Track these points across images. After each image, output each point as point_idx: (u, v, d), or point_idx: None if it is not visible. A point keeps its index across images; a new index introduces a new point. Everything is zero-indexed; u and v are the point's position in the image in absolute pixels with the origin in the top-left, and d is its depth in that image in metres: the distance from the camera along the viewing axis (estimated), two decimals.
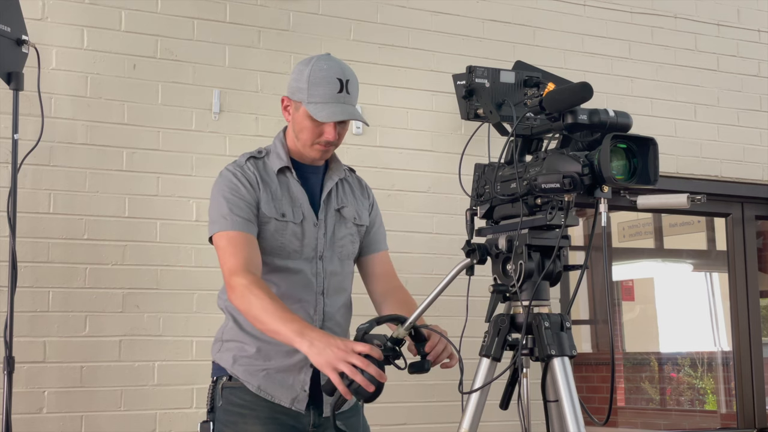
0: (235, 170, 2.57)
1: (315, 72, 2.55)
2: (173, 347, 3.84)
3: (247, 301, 2.40)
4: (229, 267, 2.46)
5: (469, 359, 2.34)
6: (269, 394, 2.55)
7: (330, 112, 2.52)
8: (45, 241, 3.69)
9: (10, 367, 3.28)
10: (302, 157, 2.64)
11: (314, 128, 2.55)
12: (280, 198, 2.58)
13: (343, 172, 2.72)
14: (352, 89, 2.57)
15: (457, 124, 4.46)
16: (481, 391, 2.29)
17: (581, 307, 7.44)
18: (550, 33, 4.84)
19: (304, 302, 2.57)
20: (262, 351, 2.55)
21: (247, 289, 2.40)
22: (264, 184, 2.57)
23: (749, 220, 5.39)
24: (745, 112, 5.30)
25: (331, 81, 2.53)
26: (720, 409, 7.01)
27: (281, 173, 2.62)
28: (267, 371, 2.55)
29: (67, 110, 3.78)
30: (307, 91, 2.53)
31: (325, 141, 2.56)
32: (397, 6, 4.49)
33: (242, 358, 2.57)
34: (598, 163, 2.09)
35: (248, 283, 2.41)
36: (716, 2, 5.33)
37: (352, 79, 2.57)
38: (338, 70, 2.56)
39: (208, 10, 4.09)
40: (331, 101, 2.52)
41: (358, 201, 2.75)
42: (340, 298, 2.65)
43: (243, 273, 2.43)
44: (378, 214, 2.82)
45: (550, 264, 2.26)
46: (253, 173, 2.58)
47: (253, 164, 2.60)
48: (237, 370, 2.58)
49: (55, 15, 3.81)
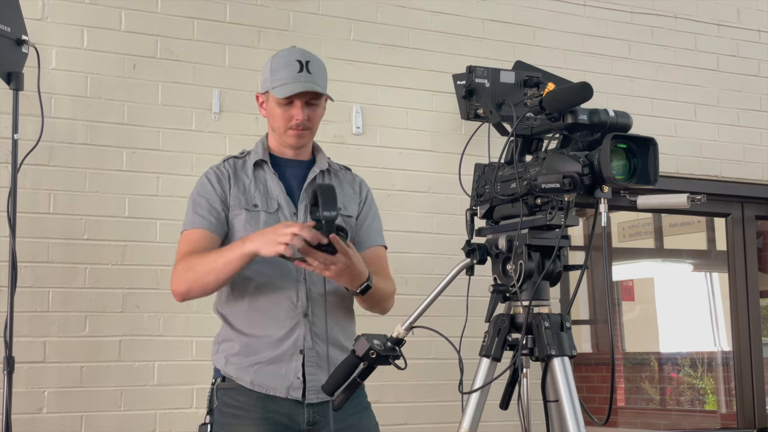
0: (209, 172, 2.71)
1: (276, 60, 2.70)
2: (173, 347, 3.84)
3: (187, 268, 2.54)
4: (175, 261, 2.61)
5: (469, 359, 2.34)
6: (263, 386, 2.57)
7: (289, 88, 2.61)
8: (45, 241, 3.69)
9: (10, 367, 3.28)
10: (283, 152, 2.73)
11: (284, 113, 2.65)
12: (253, 190, 2.66)
13: (327, 164, 2.76)
14: (314, 69, 2.66)
15: (457, 124, 4.46)
16: (481, 391, 2.29)
17: (581, 307, 7.44)
18: (550, 33, 4.84)
19: (285, 289, 2.59)
20: (251, 346, 2.59)
21: (183, 262, 2.56)
22: (236, 179, 2.68)
23: (749, 220, 5.39)
24: (745, 112, 5.30)
25: (290, 64, 2.65)
26: (720, 409, 7.01)
27: (258, 168, 2.71)
28: (258, 365, 2.58)
29: (67, 110, 3.78)
30: (270, 79, 2.66)
31: (295, 123, 2.64)
32: (397, 6, 4.49)
33: (232, 356, 2.62)
34: (598, 163, 2.09)
35: (181, 259, 2.57)
36: (716, 2, 5.33)
37: (313, 61, 2.68)
38: (298, 53, 2.69)
39: (208, 10, 4.09)
40: (292, 81, 2.62)
41: (346, 193, 2.76)
42: (329, 285, 2.62)
43: (179, 259, 2.59)
44: (372, 209, 2.82)
45: (550, 264, 2.26)
46: (227, 171, 2.70)
47: (230, 164, 2.73)
48: (229, 369, 2.62)
49: (55, 15, 3.81)
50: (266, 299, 2.60)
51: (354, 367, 2.37)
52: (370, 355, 2.32)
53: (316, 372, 2.57)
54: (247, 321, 2.62)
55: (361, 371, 2.37)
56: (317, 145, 2.81)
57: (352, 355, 2.36)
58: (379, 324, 2.76)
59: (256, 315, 2.61)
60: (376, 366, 2.38)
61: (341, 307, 2.68)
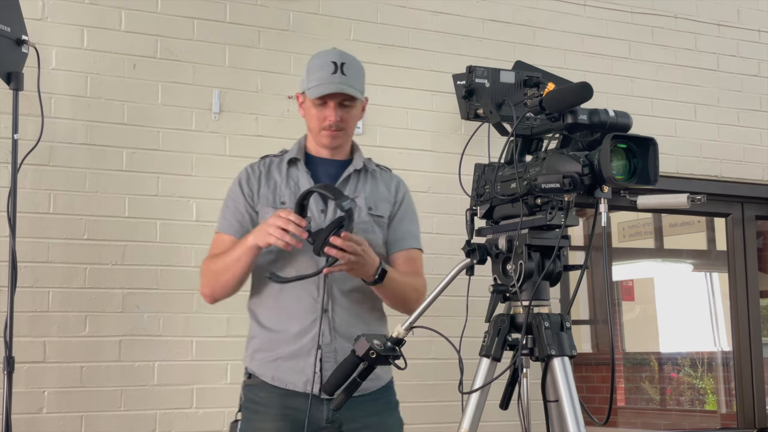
0: (242, 172, 2.79)
1: (313, 61, 2.75)
2: (173, 347, 3.84)
3: (207, 271, 2.71)
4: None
5: (469, 359, 2.34)
6: (283, 381, 2.64)
7: (321, 89, 2.65)
8: (45, 241, 3.69)
9: (10, 367, 3.28)
10: (319, 151, 2.78)
11: (318, 114, 2.69)
12: (283, 188, 2.72)
13: (362, 163, 2.80)
14: (349, 71, 2.69)
15: (457, 124, 4.46)
16: (481, 391, 2.29)
17: (581, 307, 7.44)
18: (550, 33, 4.84)
19: (307, 285, 2.63)
20: (272, 341, 2.67)
21: (204, 265, 2.73)
22: (267, 178, 2.75)
23: (749, 220, 5.39)
24: (745, 112, 5.30)
25: (325, 65, 2.68)
26: (720, 409, 7.01)
27: (292, 166, 2.76)
28: (279, 360, 2.65)
29: (67, 110, 3.78)
30: (306, 79, 2.71)
31: (328, 124, 2.68)
32: (397, 6, 4.49)
33: (257, 352, 2.72)
34: (598, 163, 2.09)
35: (204, 262, 2.73)
36: (716, 2, 5.33)
37: (349, 63, 2.71)
38: (335, 55, 2.72)
39: (208, 10, 4.09)
40: (325, 82, 2.66)
41: (380, 193, 2.80)
42: (352, 282, 2.67)
43: (204, 261, 2.74)
44: (408, 212, 2.86)
45: (550, 264, 2.25)
46: (260, 170, 2.77)
47: (266, 162, 2.80)
48: (254, 365, 2.72)
49: (55, 15, 3.81)
50: (289, 295, 2.66)
51: (354, 367, 2.37)
52: (370, 355, 2.32)
53: (333, 368, 2.55)
54: (270, 316, 2.70)
55: (361, 371, 2.37)
56: (356, 144, 2.86)
57: (352, 355, 2.36)
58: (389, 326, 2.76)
59: (279, 310, 2.68)
60: (376, 366, 2.38)
61: (366, 305, 2.71)
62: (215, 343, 3.89)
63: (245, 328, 3.91)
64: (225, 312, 3.90)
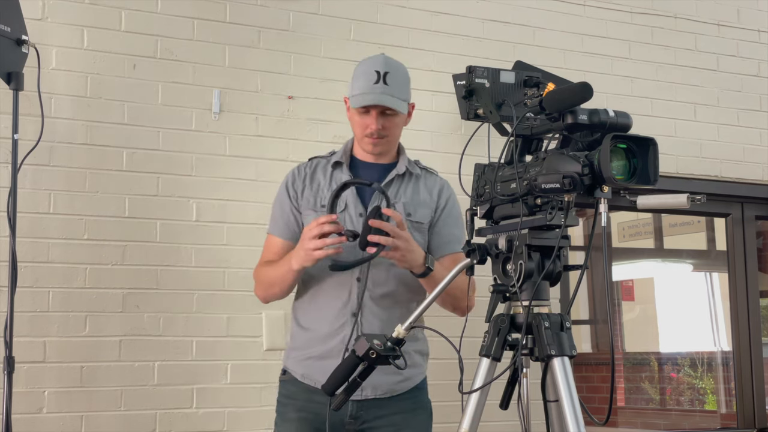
0: (288, 174, 2.86)
1: (358, 68, 2.77)
2: (173, 347, 3.84)
3: (257, 279, 2.82)
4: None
5: (469, 359, 2.34)
6: (312, 379, 2.72)
7: (360, 98, 2.68)
8: (45, 241, 3.68)
9: (10, 367, 3.28)
10: (365, 155, 2.82)
11: (361, 121, 2.74)
12: (326, 191, 2.77)
13: (405, 167, 2.82)
14: (392, 81, 2.69)
15: (457, 124, 4.46)
16: (481, 391, 2.29)
17: (581, 307, 7.44)
18: (550, 33, 4.83)
19: (340, 288, 2.70)
20: (305, 340, 2.76)
21: (257, 270, 2.83)
22: (312, 180, 2.80)
23: (749, 220, 5.39)
24: (745, 112, 5.30)
25: (368, 73, 2.70)
26: (720, 409, 7.01)
27: (336, 168, 2.80)
28: (311, 359, 2.73)
29: (67, 110, 3.78)
30: (351, 86, 2.76)
31: (370, 132, 2.72)
32: (397, 6, 4.49)
33: (292, 350, 2.81)
34: (598, 163, 2.09)
35: (258, 266, 2.84)
36: (716, 2, 5.32)
37: (392, 72, 2.71)
38: (379, 63, 2.73)
39: (208, 10, 4.08)
40: (367, 91, 2.68)
41: (422, 198, 2.81)
42: (384, 288, 2.70)
43: (258, 264, 2.85)
44: (452, 216, 2.86)
45: (550, 264, 2.26)
46: (305, 172, 2.83)
47: (312, 164, 2.85)
48: (288, 361, 2.81)
49: (55, 15, 3.81)
50: (324, 296, 2.74)
51: (354, 367, 2.38)
52: (370, 355, 2.32)
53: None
54: (306, 316, 2.78)
55: (361, 371, 2.38)
56: (402, 147, 2.88)
57: (352, 355, 2.37)
58: None
59: (314, 310, 2.76)
60: (376, 366, 2.38)
61: (396, 312, 2.72)
62: (215, 343, 3.89)
63: (245, 328, 3.94)
64: (225, 312, 3.91)
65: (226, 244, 3.94)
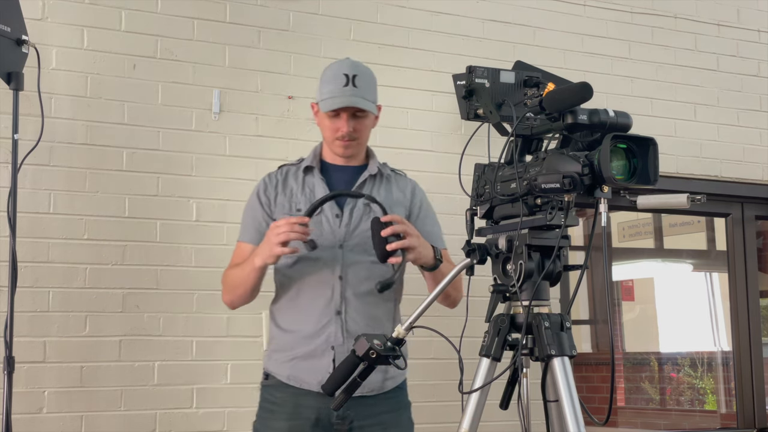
0: (260, 182, 2.86)
1: (326, 73, 2.79)
2: (173, 347, 3.84)
3: (223, 284, 2.81)
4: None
5: (469, 359, 2.34)
6: (298, 380, 2.71)
7: (331, 102, 2.70)
8: (45, 241, 3.68)
9: (10, 367, 3.28)
10: (334, 158, 2.85)
11: (331, 125, 2.76)
12: (299, 195, 2.78)
13: (377, 168, 2.86)
14: (360, 83, 2.74)
15: (457, 124, 4.46)
16: (481, 391, 2.29)
17: (581, 307, 7.44)
18: (550, 33, 4.83)
19: (322, 288, 2.72)
20: (288, 342, 2.75)
21: (224, 275, 2.82)
22: (284, 186, 2.81)
23: (749, 220, 5.39)
24: (745, 112, 5.30)
25: (337, 77, 2.73)
26: (720, 409, 7.01)
27: (308, 173, 2.82)
28: (295, 360, 2.72)
29: (67, 110, 3.78)
30: (320, 91, 2.77)
31: (341, 135, 2.75)
32: (397, 6, 4.49)
33: (274, 352, 2.79)
34: (598, 163, 2.09)
35: (225, 271, 2.82)
36: (716, 2, 5.32)
37: (360, 75, 2.76)
38: (347, 66, 2.77)
39: (208, 10, 4.08)
40: (337, 95, 2.71)
41: (396, 198, 2.85)
42: (365, 285, 2.73)
43: (225, 270, 2.84)
44: (428, 215, 2.92)
45: (550, 264, 2.26)
46: (276, 179, 2.84)
47: (283, 171, 2.87)
48: (271, 364, 2.79)
49: (55, 15, 3.81)
50: (305, 297, 2.74)
51: (354, 367, 2.38)
52: (370, 355, 2.33)
53: None
54: (286, 318, 2.78)
55: (361, 371, 2.38)
56: (371, 150, 2.92)
57: (352, 355, 2.37)
58: None
59: (295, 312, 2.76)
60: (376, 366, 2.38)
61: (380, 309, 2.76)
62: (215, 343, 3.89)
63: (245, 328, 3.94)
64: (225, 312, 3.90)
65: (226, 244, 3.93)
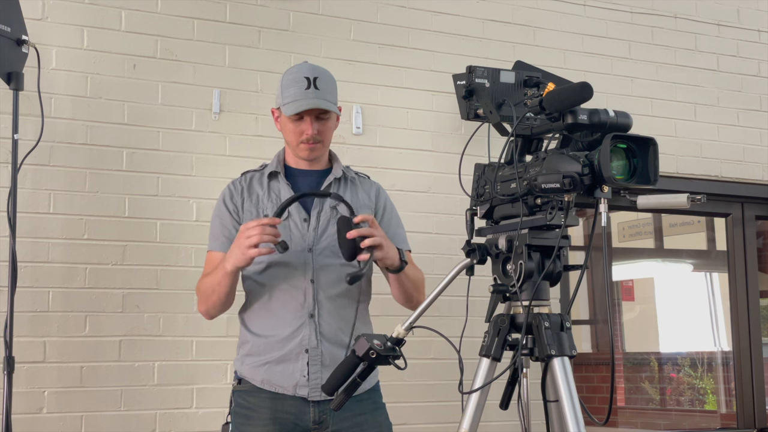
0: (225, 190, 2.83)
1: (286, 77, 2.77)
2: (173, 347, 3.84)
3: (197, 293, 2.79)
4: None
5: (469, 359, 2.34)
6: (273, 384, 2.68)
7: (294, 105, 2.69)
8: (45, 241, 3.69)
9: (10, 367, 3.28)
10: (298, 163, 2.83)
11: (295, 128, 2.74)
12: (265, 201, 2.77)
13: (341, 171, 2.85)
14: (322, 85, 2.72)
15: (457, 124, 4.46)
16: (481, 391, 2.29)
17: (581, 307, 7.44)
18: (550, 33, 4.84)
19: (294, 291, 2.71)
20: (261, 346, 2.72)
21: (198, 284, 2.79)
22: (249, 193, 2.80)
23: (749, 220, 5.39)
24: (745, 112, 5.30)
25: (298, 80, 2.72)
26: (720, 409, 7.01)
27: (273, 179, 2.81)
28: (268, 364, 2.69)
29: (67, 110, 3.78)
30: (281, 95, 2.75)
31: (306, 138, 2.73)
32: (397, 6, 4.49)
33: (247, 357, 2.75)
34: (598, 163, 2.09)
35: (199, 281, 2.79)
36: (716, 2, 5.33)
37: (321, 77, 2.74)
38: (306, 70, 2.75)
39: (208, 10, 4.09)
40: (300, 98, 2.69)
41: (361, 200, 2.85)
42: (337, 288, 2.72)
43: (198, 281, 2.79)
44: (393, 217, 2.91)
45: (550, 264, 2.26)
46: (241, 185, 2.81)
47: (247, 178, 2.84)
48: (244, 369, 2.75)
49: (55, 15, 3.81)
50: (277, 301, 2.73)
51: (354, 367, 2.38)
52: (370, 355, 2.33)
53: (320, 371, 2.65)
54: (258, 322, 2.76)
55: (361, 371, 2.38)
56: (334, 154, 2.90)
57: (352, 355, 2.37)
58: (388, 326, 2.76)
59: (267, 316, 2.74)
60: (376, 366, 2.38)
61: (353, 309, 2.74)
62: (215, 343, 3.89)
63: None
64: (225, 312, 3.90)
65: None
